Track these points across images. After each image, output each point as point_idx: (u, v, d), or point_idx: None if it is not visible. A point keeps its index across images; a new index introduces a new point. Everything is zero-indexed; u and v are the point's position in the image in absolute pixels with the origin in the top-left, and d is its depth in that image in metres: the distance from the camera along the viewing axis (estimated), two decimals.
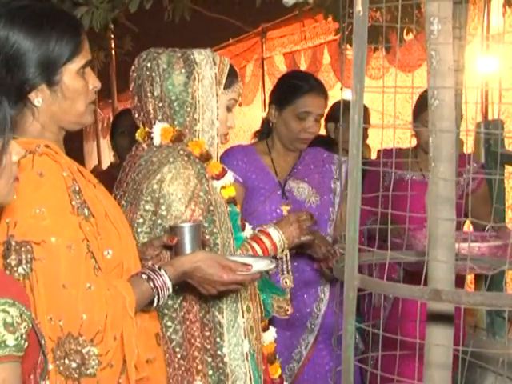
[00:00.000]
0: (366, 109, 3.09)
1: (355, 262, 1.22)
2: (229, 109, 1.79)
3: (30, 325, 1.01)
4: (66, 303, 1.21)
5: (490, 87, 2.61)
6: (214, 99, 1.73)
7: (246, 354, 1.72)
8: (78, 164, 1.36)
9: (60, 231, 1.23)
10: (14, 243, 1.21)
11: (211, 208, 1.67)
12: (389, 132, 1.36)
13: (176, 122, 1.72)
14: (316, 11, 3.72)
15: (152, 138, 1.72)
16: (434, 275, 1.23)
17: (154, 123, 1.72)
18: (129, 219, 1.62)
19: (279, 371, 1.93)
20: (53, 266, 1.22)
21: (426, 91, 1.23)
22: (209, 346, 1.65)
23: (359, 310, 2.48)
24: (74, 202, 1.26)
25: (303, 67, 5.80)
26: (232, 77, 1.77)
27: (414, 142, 2.59)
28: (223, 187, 1.76)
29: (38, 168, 1.25)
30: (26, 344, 0.99)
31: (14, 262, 1.21)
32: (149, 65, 1.71)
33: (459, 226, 1.49)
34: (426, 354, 1.25)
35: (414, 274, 1.19)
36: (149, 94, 1.71)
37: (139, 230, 1.64)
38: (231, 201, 1.78)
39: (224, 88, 1.75)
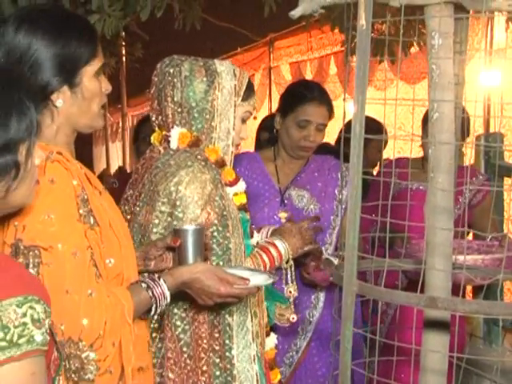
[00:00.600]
0: (379, 123, 3.09)
1: (354, 268, 1.25)
2: (243, 120, 1.84)
3: (51, 321, 1.04)
4: (69, 308, 1.22)
5: (492, 101, 2.64)
6: (232, 109, 1.78)
7: (254, 356, 1.75)
8: (86, 169, 1.40)
9: (67, 238, 1.25)
10: (22, 247, 1.24)
11: (225, 213, 1.70)
12: (390, 142, 1.40)
13: (194, 128, 1.76)
14: (323, 23, 3.76)
15: (169, 142, 1.76)
16: (431, 283, 1.26)
17: (172, 127, 1.76)
18: (145, 219, 1.67)
19: (279, 377, 1.96)
20: (58, 271, 1.24)
21: None
22: (217, 348, 1.68)
23: (363, 316, 2.50)
24: (81, 211, 1.29)
25: (309, 77, 5.85)
26: (250, 90, 1.83)
27: (415, 153, 2.63)
28: (235, 194, 1.80)
29: (49, 175, 1.28)
30: (49, 338, 1.02)
31: None
32: (171, 71, 1.75)
33: (463, 236, 1.52)
34: (422, 359, 1.28)
35: (417, 282, 1.22)
36: (169, 99, 1.76)
37: (154, 230, 1.67)
38: (242, 208, 1.82)
39: (242, 100, 1.80)
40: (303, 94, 2.40)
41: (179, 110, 1.75)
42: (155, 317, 1.46)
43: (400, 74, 3.62)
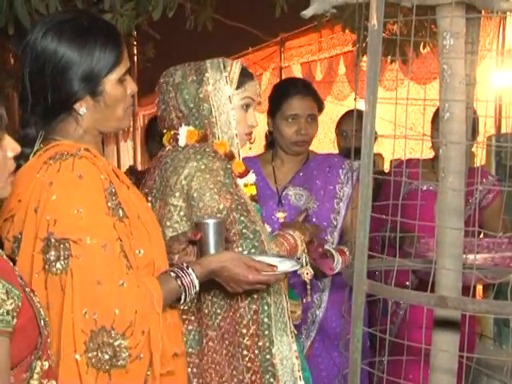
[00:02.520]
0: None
1: (364, 267, 1.26)
2: (246, 108, 1.83)
3: (19, 303, 1.06)
4: (101, 298, 1.25)
5: (504, 101, 2.63)
6: (228, 101, 1.79)
7: (291, 333, 1.78)
8: (113, 165, 1.44)
9: (95, 231, 1.28)
10: (53, 240, 1.27)
11: (242, 200, 1.73)
12: (401, 143, 1.40)
13: (198, 127, 1.79)
14: (334, 23, 3.76)
15: (177, 140, 1.80)
16: (441, 282, 1.27)
17: (180, 126, 1.80)
18: (158, 214, 1.68)
19: None
20: (88, 263, 1.27)
21: None
22: (255, 328, 1.69)
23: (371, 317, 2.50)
24: (109, 204, 1.32)
25: (319, 77, 5.86)
26: (244, 77, 1.82)
27: (425, 154, 2.62)
28: (245, 185, 1.83)
29: (77, 170, 1.31)
30: (15, 321, 1.04)
31: (52, 258, 1.27)
32: (167, 80, 1.83)
33: (473, 237, 1.53)
34: (432, 359, 1.28)
35: (427, 282, 1.22)
36: (171, 106, 1.81)
37: (168, 223, 1.69)
38: (253, 199, 1.84)
39: (236, 88, 1.80)
40: (287, 89, 2.43)
41: (180, 114, 1.80)
42: (185, 305, 1.47)
43: (410, 75, 3.61)
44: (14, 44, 3.50)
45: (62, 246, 1.27)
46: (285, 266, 1.62)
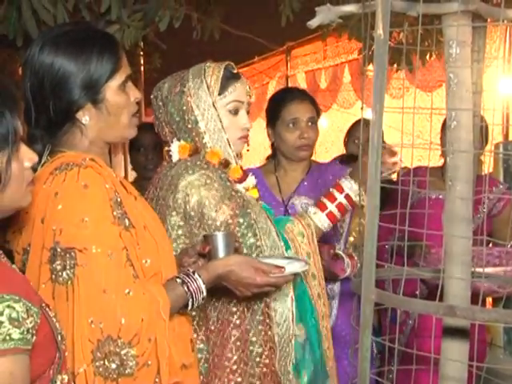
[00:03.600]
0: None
1: (372, 276, 1.26)
2: (235, 112, 1.79)
3: (38, 321, 1.06)
4: (107, 307, 1.25)
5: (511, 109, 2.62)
6: (212, 108, 1.76)
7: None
8: (121, 177, 1.44)
9: (101, 240, 1.29)
10: (59, 249, 1.28)
11: (245, 203, 1.72)
12: (408, 150, 1.40)
13: (189, 139, 1.78)
14: (340, 31, 3.77)
15: (171, 156, 1.79)
16: (450, 292, 1.26)
17: (172, 142, 1.80)
18: None
19: None
20: (94, 272, 1.27)
21: None
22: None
23: (380, 327, 2.49)
24: (115, 213, 1.32)
25: (323, 85, 5.87)
26: (228, 79, 1.78)
27: (434, 161, 2.62)
28: (246, 189, 1.81)
29: (83, 180, 1.31)
30: (34, 338, 1.04)
31: (59, 267, 1.27)
32: (156, 95, 1.83)
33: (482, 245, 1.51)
34: (442, 368, 1.28)
35: (437, 292, 1.21)
36: (162, 122, 1.82)
37: None
38: (257, 201, 1.83)
39: (219, 94, 1.77)
40: (284, 97, 2.46)
41: (170, 129, 1.80)
42: (192, 312, 1.47)
43: (416, 82, 3.61)
44: (22, 55, 3.52)
45: (67, 255, 1.27)
46: (293, 267, 1.60)
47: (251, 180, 1.83)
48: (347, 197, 1.89)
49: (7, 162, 1.12)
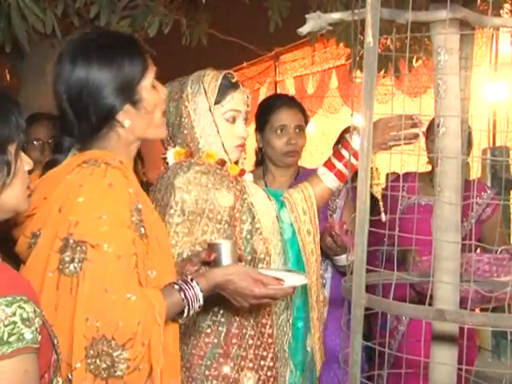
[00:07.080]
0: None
1: (363, 280, 1.26)
2: (232, 120, 1.80)
3: (41, 321, 1.08)
4: (105, 307, 1.25)
5: (498, 115, 2.65)
6: (209, 116, 1.77)
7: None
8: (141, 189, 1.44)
9: (114, 240, 1.29)
10: (71, 241, 1.28)
11: (240, 194, 1.73)
12: (395, 155, 1.41)
13: (184, 145, 1.80)
14: (328, 37, 3.80)
15: (167, 163, 1.82)
16: (439, 296, 1.27)
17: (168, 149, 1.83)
18: None
19: None
20: (100, 269, 1.27)
21: None
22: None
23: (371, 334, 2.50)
24: (133, 218, 1.33)
25: (310, 91, 5.90)
26: (226, 88, 1.79)
27: (420, 167, 2.63)
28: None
29: (109, 178, 1.33)
30: (40, 337, 1.06)
31: (67, 259, 1.27)
32: None
33: (471, 251, 1.52)
34: (431, 372, 1.29)
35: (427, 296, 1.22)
36: None
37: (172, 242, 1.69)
38: None
39: (215, 103, 1.78)
40: (273, 103, 2.49)
41: (170, 134, 1.80)
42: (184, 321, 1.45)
43: (402, 87, 3.64)
44: (11, 60, 3.51)
45: (78, 248, 1.27)
46: (293, 280, 1.57)
47: (249, 177, 1.85)
48: (355, 155, 1.82)
49: (15, 155, 1.14)
